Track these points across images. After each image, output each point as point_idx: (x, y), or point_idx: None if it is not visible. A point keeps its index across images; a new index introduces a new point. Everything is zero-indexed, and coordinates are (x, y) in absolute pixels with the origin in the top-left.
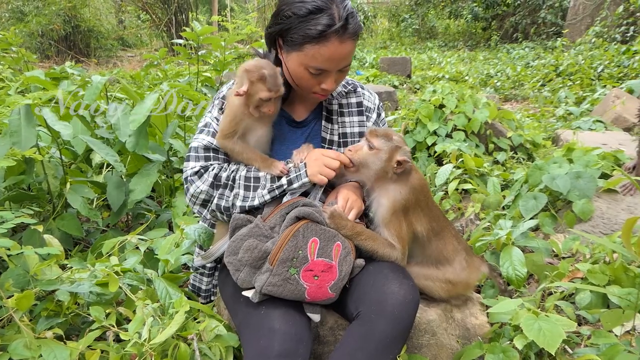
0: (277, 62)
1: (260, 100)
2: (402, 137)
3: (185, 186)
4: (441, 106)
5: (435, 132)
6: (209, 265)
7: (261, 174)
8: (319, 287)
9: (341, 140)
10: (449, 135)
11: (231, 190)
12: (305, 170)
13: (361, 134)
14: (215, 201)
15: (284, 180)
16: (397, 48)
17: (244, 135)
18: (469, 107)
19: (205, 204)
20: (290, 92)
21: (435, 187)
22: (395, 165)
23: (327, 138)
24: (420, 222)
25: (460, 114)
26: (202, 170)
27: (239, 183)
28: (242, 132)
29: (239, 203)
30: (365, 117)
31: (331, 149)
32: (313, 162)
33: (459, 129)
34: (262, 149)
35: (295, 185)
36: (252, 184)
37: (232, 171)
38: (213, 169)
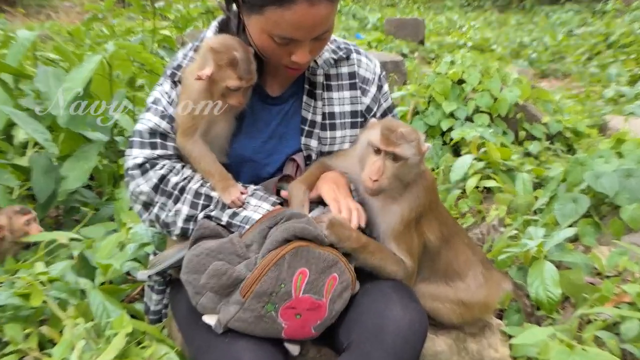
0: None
1: (226, 89)
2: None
3: (125, 179)
4: (460, 82)
5: (452, 115)
6: (156, 278)
7: (214, 193)
8: (300, 327)
9: (327, 121)
10: (469, 119)
11: (175, 203)
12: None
13: (354, 114)
14: (155, 210)
15: (224, 217)
16: (408, 7)
17: (204, 131)
18: (496, 84)
19: (147, 206)
20: (263, 61)
21: (450, 183)
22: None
23: (309, 118)
24: (431, 229)
25: (485, 93)
26: (147, 165)
27: (186, 197)
28: (204, 128)
29: (180, 223)
30: (360, 90)
31: (312, 132)
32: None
33: (482, 111)
34: (219, 146)
35: (243, 225)
36: (201, 202)
37: (185, 178)
38: (162, 168)
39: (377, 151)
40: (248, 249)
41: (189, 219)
